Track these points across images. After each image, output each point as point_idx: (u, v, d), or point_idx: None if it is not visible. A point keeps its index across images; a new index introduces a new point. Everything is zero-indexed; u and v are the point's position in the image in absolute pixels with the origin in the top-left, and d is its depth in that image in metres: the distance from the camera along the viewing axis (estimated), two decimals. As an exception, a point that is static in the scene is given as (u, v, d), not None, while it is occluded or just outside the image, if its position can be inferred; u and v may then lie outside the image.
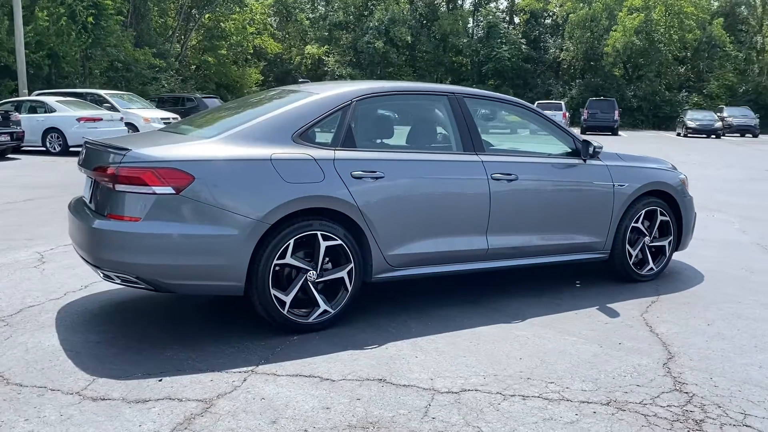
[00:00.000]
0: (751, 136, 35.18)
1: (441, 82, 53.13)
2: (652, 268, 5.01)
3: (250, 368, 3.24)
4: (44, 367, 3.22)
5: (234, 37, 37.26)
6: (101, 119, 15.70)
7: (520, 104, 4.74)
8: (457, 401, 2.92)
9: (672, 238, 5.08)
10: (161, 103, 21.84)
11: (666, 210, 5.00)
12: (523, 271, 4.89)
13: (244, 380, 3.10)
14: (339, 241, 3.72)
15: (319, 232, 3.66)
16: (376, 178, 3.82)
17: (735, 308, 4.35)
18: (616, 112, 31.54)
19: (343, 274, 3.78)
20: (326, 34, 50.79)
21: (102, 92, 18.68)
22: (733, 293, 4.71)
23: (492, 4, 53.39)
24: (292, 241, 3.59)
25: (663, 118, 44.38)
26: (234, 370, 3.21)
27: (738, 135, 34.87)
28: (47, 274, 4.93)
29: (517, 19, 54.78)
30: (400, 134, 4.44)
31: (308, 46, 50.66)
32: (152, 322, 3.97)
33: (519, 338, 3.73)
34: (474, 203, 4.16)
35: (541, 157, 4.58)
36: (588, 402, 2.93)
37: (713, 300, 4.53)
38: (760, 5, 49.67)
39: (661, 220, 5.00)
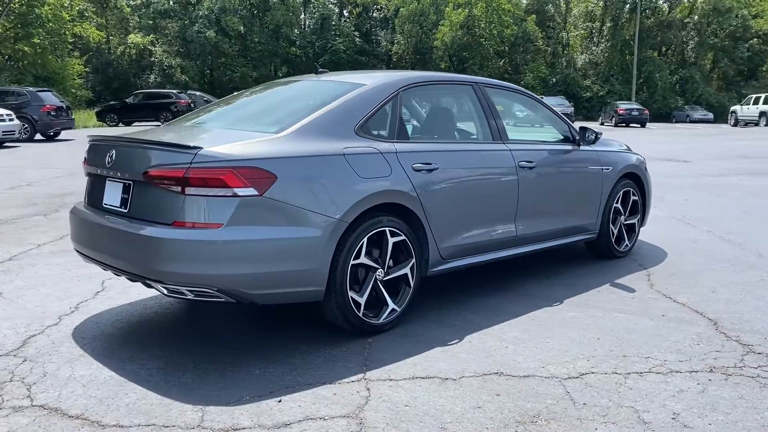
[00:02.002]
0: (567, 122, 38.86)
1: (276, 74, 52.50)
2: (627, 245, 5.43)
3: (358, 376, 3.04)
4: (128, 402, 2.78)
5: (50, 24, 33.75)
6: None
7: (525, 93, 4.88)
8: (587, 385, 2.97)
9: (639, 215, 5.54)
10: (-18, 98, 19.18)
11: (635, 190, 5.44)
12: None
13: (368, 389, 2.91)
14: (403, 237, 3.61)
15: (387, 229, 3.52)
16: (431, 170, 3.74)
17: (718, 275, 4.84)
18: (456, 103, 33.23)
19: (407, 270, 3.67)
20: (150, 22, 47.88)
21: None
22: (703, 262, 5.23)
23: (323, -4, 53.64)
24: (365, 240, 3.42)
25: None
26: (345, 380, 3.00)
27: (557, 122, 38.29)
28: (12, 298, 4.23)
29: (346, 12, 55.56)
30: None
31: (131, 35, 47.48)
32: (196, 339, 3.57)
33: (576, 320, 3.87)
34: (507, 191, 4.23)
35: (547, 145, 4.76)
36: (695, 371, 3.13)
37: (692, 270, 5.01)
38: (563, 4, 54.91)
39: (633, 200, 5.43)
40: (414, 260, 3.68)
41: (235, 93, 4.54)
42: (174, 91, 30.44)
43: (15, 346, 3.42)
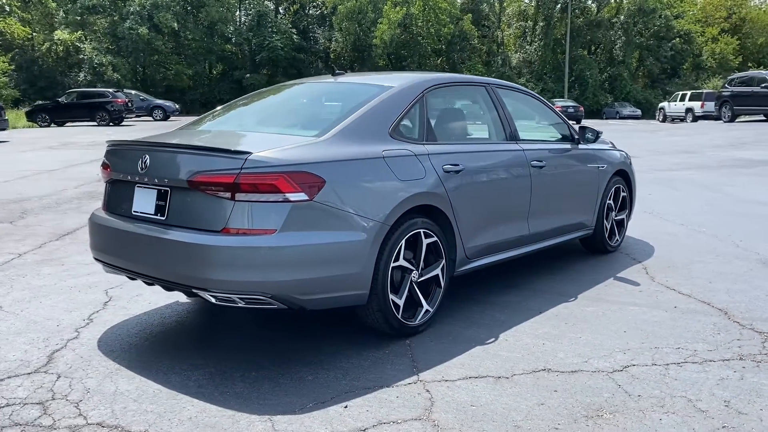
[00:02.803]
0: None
1: (211, 72, 51.43)
2: (618, 239, 5.63)
3: (412, 378, 3.06)
4: (190, 416, 2.70)
5: (-28, 20, 31.97)
6: None
7: (527, 92, 4.97)
8: (634, 377, 3.08)
9: (627, 211, 5.75)
10: None
11: (624, 187, 5.64)
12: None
13: (427, 391, 2.93)
14: (435, 238, 3.63)
15: (422, 230, 3.54)
16: (458, 171, 3.79)
17: (709, 267, 5.07)
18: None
19: (438, 271, 3.70)
20: (78, 18, 46.02)
21: None
22: (689, 254, 5.47)
23: (258, -8, 52.83)
24: (403, 242, 3.43)
25: (427, 105, 47.96)
26: (401, 383, 3.01)
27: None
28: (16, 311, 4.04)
29: (282, 9, 54.97)
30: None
31: (57, 32, 45.50)
32: (230, 346, 3.49)
33: (596, 314, 3.98)
34: (522, 190, 4.32)
35: (553, 144, 4.88)
36: (727, 359, 3.29)
37: (684, 262, 5.23)
38: (497, 3, 55.99)
39: (623, 196, 5.63)
40: (444, 261, 3.72)
41: (251, 94, 4.45)
42: (110, 90, 29.40)
43: (41, 362, 3.26)
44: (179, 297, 4.31)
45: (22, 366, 3.21)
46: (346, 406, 2.78)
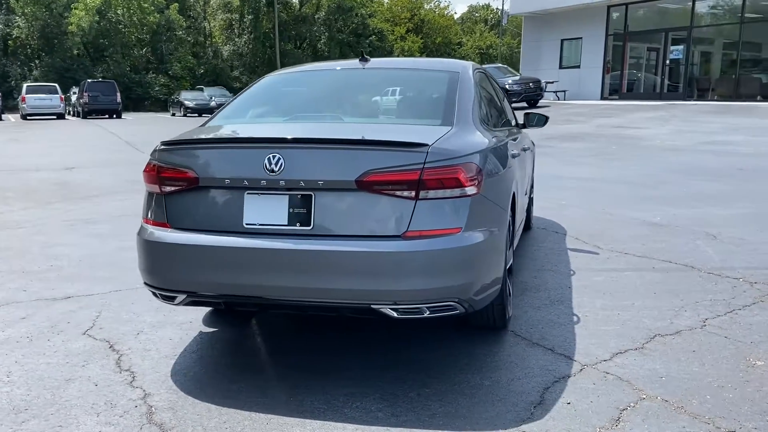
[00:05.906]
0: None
1: None
2: (532, 216, 6.13)
3: (577, 366, 3.05)
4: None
5: None
6: None
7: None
8: (722, 328, 3.48)
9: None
10: None
11: (533, 168, 6.15)
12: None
13: (607, 372, 2.96)
14: (512, 226, 3.61)
15: (510, 219, 3.49)
16: (515, 156, 3.80)
17: (622, 232, 5.80)
18: (119, 95, 30.58)
19: (511, 259, 3.68)
20: None
21: None
22: (592, 225, 6.16)
23: None
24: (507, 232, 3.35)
25: (137, 100, 44.46)
26: (573, 371, 2.99)
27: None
28: (2, 379, 2.93)
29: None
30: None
31: None
32: (343, 365, 3.02)
33: (609, 282, 4.33)
34: (522, 173, 4.47)
35: (515, 128, 5.09)
36: (756, 302, 3.88)
37: (597, 231, 5.86)
38: (202, -6, 54.31)
39: (532, 177, 6.13)
40: (512, 249, 3.71)
41: (267, 82, 3.79)
42: None
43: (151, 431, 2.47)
44: (200, 327, 3.56)
45: (135, 442, 2.39)
46: (569, 402, 2.67)
